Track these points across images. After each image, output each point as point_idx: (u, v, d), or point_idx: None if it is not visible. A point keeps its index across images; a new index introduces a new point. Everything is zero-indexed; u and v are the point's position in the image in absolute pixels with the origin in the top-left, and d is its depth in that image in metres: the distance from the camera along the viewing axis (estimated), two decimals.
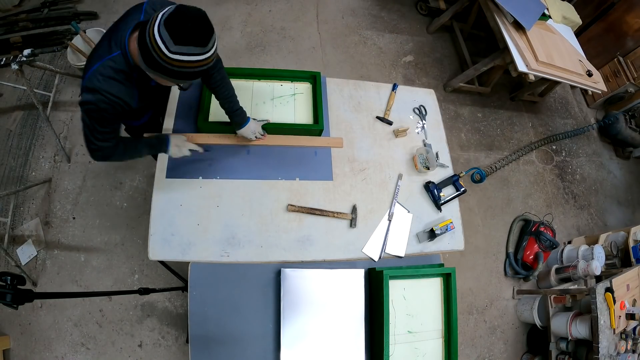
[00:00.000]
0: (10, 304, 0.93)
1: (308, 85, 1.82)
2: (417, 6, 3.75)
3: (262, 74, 1.78)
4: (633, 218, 3.56)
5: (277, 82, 1.79)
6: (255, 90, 1.75)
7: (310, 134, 1.69)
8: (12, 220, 2.35)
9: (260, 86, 1.77)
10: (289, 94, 1.78)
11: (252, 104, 1.71)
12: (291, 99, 1.77)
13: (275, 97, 1.75)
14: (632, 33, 3.41)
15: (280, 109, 1.73)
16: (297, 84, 1.81)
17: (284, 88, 1.79)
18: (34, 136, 2.61)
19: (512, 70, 2.61)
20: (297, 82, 1.81)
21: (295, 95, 1.78)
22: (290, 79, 1.80)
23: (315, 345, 1.42)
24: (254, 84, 1.76)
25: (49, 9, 3.04)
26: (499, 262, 2.87)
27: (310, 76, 1.80)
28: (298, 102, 1.77)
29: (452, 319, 1.46)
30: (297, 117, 1.73)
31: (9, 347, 2.10)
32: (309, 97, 1.79)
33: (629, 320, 2.14)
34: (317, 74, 1.78)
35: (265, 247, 1.48)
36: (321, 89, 1.76)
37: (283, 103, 1.75)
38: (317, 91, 1.73)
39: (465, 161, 3.14)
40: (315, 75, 1.78)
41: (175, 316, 2.25)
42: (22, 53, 2.05)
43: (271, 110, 1.72)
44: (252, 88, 1.75)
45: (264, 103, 1.73)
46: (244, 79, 1.77)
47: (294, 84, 1.81)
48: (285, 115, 1.72)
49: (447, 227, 1.62)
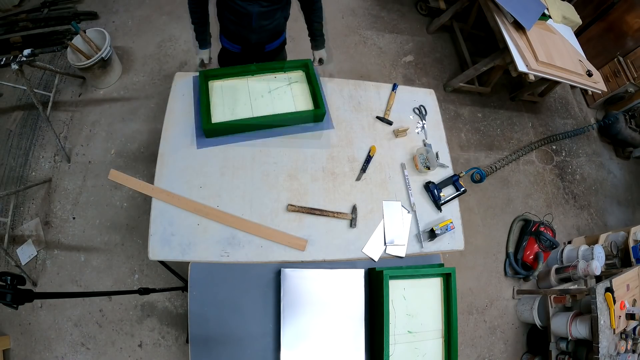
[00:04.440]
0: (10, 304, 0.93)
1: (301, 73, 1.84)
2: (417, 6, 3.75)
3: (254, 70, 1.79)
4: (633, 218, 3.56)
5: (271, 74, 1.81)
6: (251, 87, 1.77)
7: (314, 119, 1.73)
8: (12, 220, 2.35)
9: (255, 82, 1.79)
10: (284, 83, 1.80)
11: (251, 99, 1.72)
12: (287, 88, 1.79)
13: (272, 89, 1.77)
14: (632, 33, 3.41)
15: (279, 100, 1.75)
16: (290, 73, 1.83)
17: (278, 79, 1.81)
18: (34, 136, 2.61)
19: (512, 70, 2.61)
20: (290, 71, 1.83)
21: (290, 85, 1.80)
22: (282, 70, 1.83)
23: (316, 345, 1.42)
24: (248, 80, 1.78)
25: (49, 9, 3.04)
26: (499, 262, 2.87)
27: (302, 64, 1.83)
28: (295, 90, 1.79)
29: (452, 319, 1.46)
30: (297, 105, 1.75)
31: (9, 347, 2.10)
32: (305, 84, 1.81)
33: (629, 320, 2.14)
34: (308, 60, 1.82)
35: (265, 247, 1.48)
36: (314, 74, 1.78)
37: (280, 94, 1.76)
38: (312, 76, 1.76)
39: (465, 161, 3.14)
40: (306, 63, 1.81)
41: (175, 316, 2.25)
42: (22, 53, 2.05)
43: (271, 103, 1.73)
44: (247, 85, 1.77)
45: (262, 97, 1.74)
46: (238, 77, 1.78)
47: (287, 74, 1.83)
48: (286, 105, 1.74)
49: (447, 227, 1.62)
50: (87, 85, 2.79)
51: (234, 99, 1.71)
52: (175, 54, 3.01)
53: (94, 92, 2.78)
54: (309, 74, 1.79)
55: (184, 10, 3.25)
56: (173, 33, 3.09)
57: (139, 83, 2.86)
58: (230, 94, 1.72)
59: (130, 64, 2.92)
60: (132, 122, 2.70)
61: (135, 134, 2.66)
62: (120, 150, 2.60)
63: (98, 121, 2.68)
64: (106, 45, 2.55)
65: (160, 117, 1.66)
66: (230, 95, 1.72)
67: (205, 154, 1.59)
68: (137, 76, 2.88)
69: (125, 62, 2.91)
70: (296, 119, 1.70)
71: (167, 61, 2.97)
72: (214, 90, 1.72)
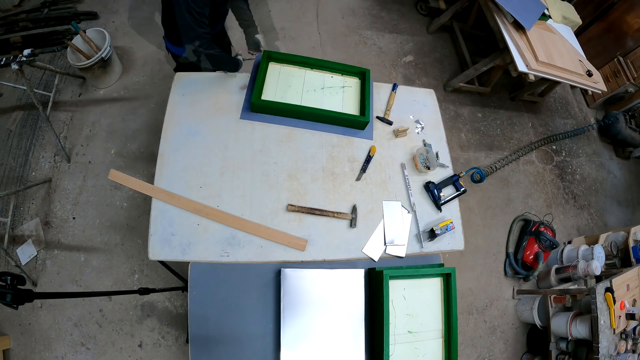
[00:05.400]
0: (10, 304, 0.93)
1: (357, 80, 1.90)
2: (417, 6, 3.75)
3: (314, 63, 1.86)
4: (633, 218, 3.56)
5: (328, 73, 1.88)
6: (307, 78, 1.84)
7: (356, 125, 1.78)
8: (12, 220, 2.35)
9: (312, 75, 1.86)
10: (338, 85, 1.86)
11: (303, 89, 1.79)
12: (340, 90, 1.85)
13: (325, 87, 1.84)
14: (632, 33, 3.41)
15: (329, 98, 1.82)
16: (347, 77, 1.89)
17: (334, 80, 1.87)
18: (34, 136, 2.61)
19: (512, 70, 2.61)
20: (347, 76, 1.89)
21: (344, 88, 1.86)
22: (340, 72, 1.89)
23: (316, 345, 1.42)
24: (305, 72, 1.86)
25: (49, 9, 3.04)
26: (499, 262, 2.87)
27: (360, 72, 1.88)
28: (346, 95, 1.85)
29: (452, 319, 1.46)
30: (345, 108, 1.80)
31: (9, 347, 2.10)
32: (357, 92, 1.87)
33: (629, 320, 2.14)
34: (367, 70, 1.86)
35: (265, 247, 1.48)
36: (369, 85, 1.83)
37: (332, 93, 1.83)
38: (366, 86, 1.82)
39: (465, 161, 3.14)
40: (365, 72, 1.87)
41: (175, 316, 2.25)
42: (22, 53, 2.05)
43: (321, 98, 1.80)
44: (304, 76, 1.84)
45: (314, 91, 1.81)
46: (297, 66, 1.86)
47: (343, 77, 1.89)
48: (334, 104, 1.80)
49: (447, 227, 1.62)
50: (87, 85, 2.79)
51: (288, 84, 1.80)
52: None
53: (94, 92, 2.78)
54: (364, 83, 1.84)
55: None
56: None
57: (139, 83, 2.86)
58: (285, 79, 1.81)
59: (130, 64, 2.92)
60: (132, 122, 2.70)
61: (135, 134, 2.66)
62: (120, 150, 2.60)
63: (98, 121, 2.68)
64: (106, 45, 2.55)
65: (160, 117, 1.66)
66: (286, 80, 1.81)
67: (208, 151, 1.60)
68: (137, 76, 2.88)
69: (125, 62, 2.91)
70: (340, 120, 1.75)
71: (167, 61, 2.97)
72: (272, 71, 1.81)
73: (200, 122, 1.66)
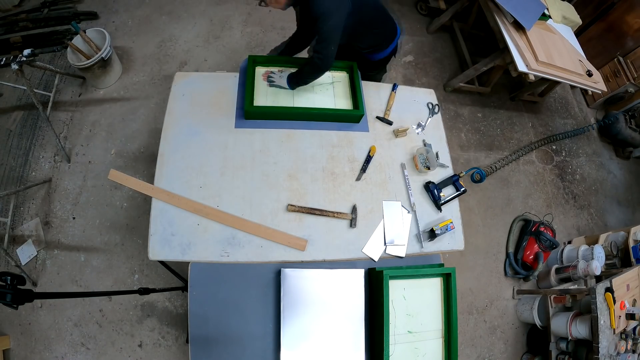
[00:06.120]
0: (10, 304, 0.93)
1: (345, 74, 1.91)
2: (417, 6, 3.75)
3: (300, 62, 1.85)
4: (633, 218, 3.56)
5: None
6: None
7: (351, 119, 1.79)
8: (12, 220, 2.35)
9: None
10: (327, 82, 1.88)
11: (294, 91, 1.79)
12: (330, 86, 1.87)
13: (315, 84, 1.83)
14: (632, 33, 3.41)
15: (321, 95, 1.84)
16: (335, 72, 1.91)
17: (322, 77, 1.83)
18: (34, 136, 2.61)
19: (512, 70, 2.61)
20: (335, 71, 1.91)
21: (333, 84, 1.88)
22: None
23: (316, 345, 1.42)
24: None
25: (49, 9, 3.04)
26: (499, 262, 2.87)
27: (347, 66, 1.91)
28: (337, 90, 1.87)
29: (452, 319, 1.46)
30: (337, 103, 1.83)
31: (9, 347, 2.10)
32: (347, 85, 1.89)
33: (629, 320, 2.14)
34: (354, 63, 1.88)
35: (265, 247, 1.48)
36: (358, 77, 1.86)
37: (323, 90, 1.85)
38: (355, 79, 1.84)
39: (465, 161, 3.14)
40: (352, 65, 1.88)
41: (175, 316, 2.25)
42: (22, 53, 2.05)
43: (312, 97, 1.82)
44: None
45: (305, 90, 1.81)
46: (283, 67, 1.84)
47: (331, 73, 1.90)
48: (326, 101, 1.82)
49: (447, 227, 1.62)
50: (87, 85, 2.79)
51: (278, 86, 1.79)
52: (175, 54, 3.01)
53: (94, 92, 2.78)
54: (353, 77, 1.85)
55: (184, 10, 3.26)
56: (173, 33, 3.09)
57: (139, 83, 2.86)
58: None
59: (130, 64, 2.92)
60: (132, 122, 2.70)
61: (135, 134, 2.66)
62: (120, 150, 2.60)
63: (98, 121, 2.68)
64: (106, 45, 2.55)
65: (160, 117, 1.66)
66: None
67: (208, 151, 1.60)
68: (137, 76, 2.88)
69: (125, 62, 2.91)
70: (334, 116, 1.75)
71: (167, 61, 2.97)
72: (260, 75, 1.81)
73: (200, 122, 1.66)
